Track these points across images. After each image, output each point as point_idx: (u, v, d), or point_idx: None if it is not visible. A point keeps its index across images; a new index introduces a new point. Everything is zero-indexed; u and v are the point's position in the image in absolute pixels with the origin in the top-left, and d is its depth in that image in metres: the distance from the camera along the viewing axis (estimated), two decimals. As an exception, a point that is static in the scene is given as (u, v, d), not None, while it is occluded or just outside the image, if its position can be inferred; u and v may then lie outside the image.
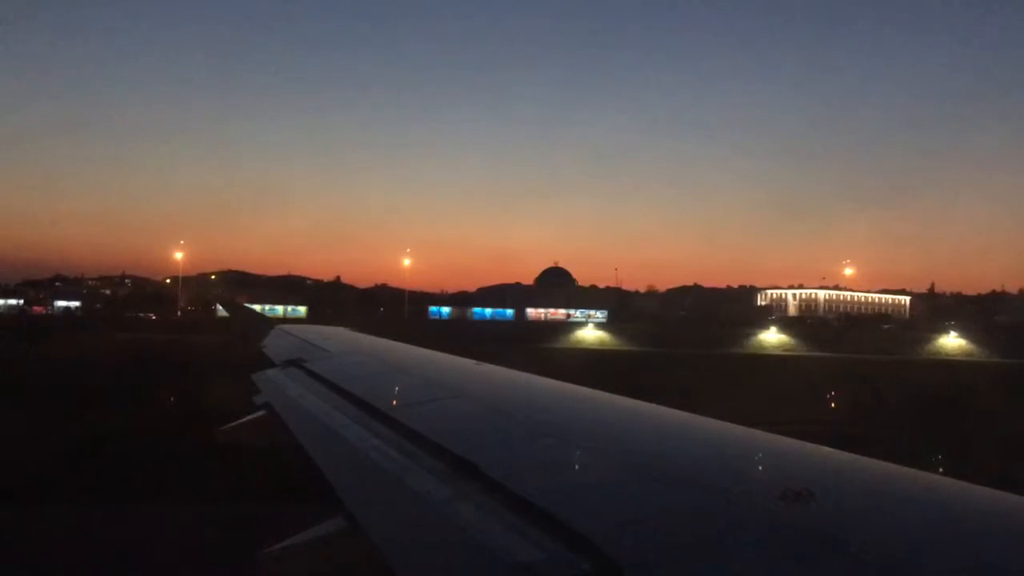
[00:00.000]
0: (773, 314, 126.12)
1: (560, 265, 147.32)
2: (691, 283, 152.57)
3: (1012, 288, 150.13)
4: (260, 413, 6.93)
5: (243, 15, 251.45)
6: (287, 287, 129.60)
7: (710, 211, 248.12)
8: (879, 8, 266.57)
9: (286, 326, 13.32)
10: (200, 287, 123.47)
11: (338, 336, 11.58)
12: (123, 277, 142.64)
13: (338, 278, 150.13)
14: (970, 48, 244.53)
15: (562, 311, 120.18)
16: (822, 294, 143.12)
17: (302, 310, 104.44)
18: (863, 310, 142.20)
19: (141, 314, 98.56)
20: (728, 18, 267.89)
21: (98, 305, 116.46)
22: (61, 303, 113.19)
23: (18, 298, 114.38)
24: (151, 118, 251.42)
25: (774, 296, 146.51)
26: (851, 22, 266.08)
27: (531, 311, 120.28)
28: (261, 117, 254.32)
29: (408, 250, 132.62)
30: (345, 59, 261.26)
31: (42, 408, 36.73)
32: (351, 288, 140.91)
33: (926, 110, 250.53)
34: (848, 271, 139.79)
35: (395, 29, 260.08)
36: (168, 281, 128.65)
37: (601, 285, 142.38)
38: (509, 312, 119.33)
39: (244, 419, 7.17)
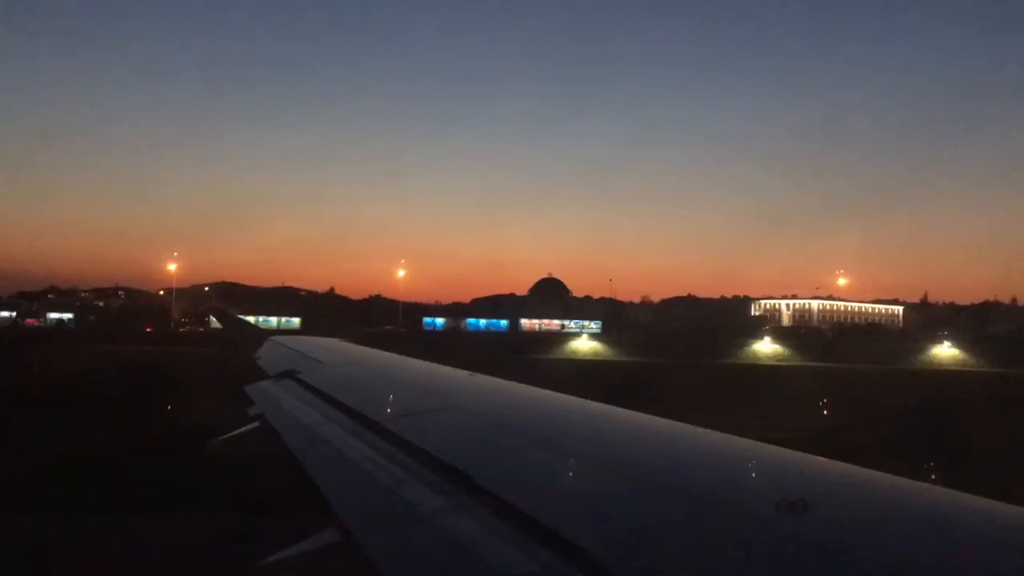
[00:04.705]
0: (767, 324, 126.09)
1: (554, 276, 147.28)
2: (685, 293, 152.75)
3: (1005, 297, 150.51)
4: (254, 425, 6.92)
5: (236, 28, 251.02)
6: (281, 299, 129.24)
7: (704, 222, 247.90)
8: (869, 19, 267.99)
9: (279, 337, 13.31)
10: (194, 299, 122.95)
11: (332, 347, 11.57)
12: (116, 289, 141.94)
13: (332, 289, 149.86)
14: (962, 58, 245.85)
15: (556, 322, 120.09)
16: (816, 304, 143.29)
17: (296, 322, 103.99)
18: (857, 320, 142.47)
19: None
20: (720, 29, 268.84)
21: (92, 317, 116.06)
22: (54, 315, 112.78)
23: (11, 310, 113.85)
24: (144, 130, 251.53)
25: (768, 306, 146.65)
26: (842, 33, 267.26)
27: (525, 322, 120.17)
28: (254, 129, 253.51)
29: (402, 261, 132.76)
30: (338, 71, 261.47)
31: (40, 420, 36.58)
32: (345, 300, 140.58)
33: (919, 119, 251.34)
34: (841, 281, 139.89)
35: (387, 42, 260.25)
36: (162, 293, 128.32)
37: (595, 296, 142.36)
38: (503, 323, 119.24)
39: (238, 431, 7.16)
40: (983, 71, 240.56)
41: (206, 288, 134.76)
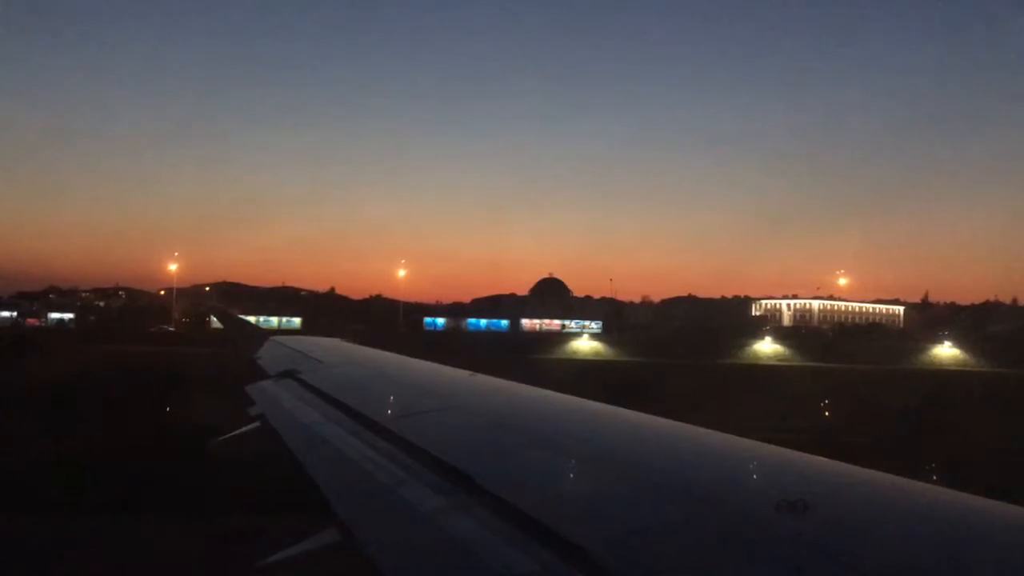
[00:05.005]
0: (768, 324, 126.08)
1: (554, 276, 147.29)
2: (686, 293, 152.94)
3: (1005, 298, 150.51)
4: (254, 424, 6.93)
5: (236, 27, 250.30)
6: (281, 299, 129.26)
7: (704, 222, 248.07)
8: (869, 19, 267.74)
9: (280, 337, 13.32)
10: (194, 299, 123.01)
11: (332, 347, 11.58)
12: (117, 289, 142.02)
13: (333, 289, 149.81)
14: (962, 59, 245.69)
15: (557, 322, 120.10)
16: (816, 304, 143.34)
17: (297, 322, 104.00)
18: (857, 320, 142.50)
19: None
20: (720, 29, 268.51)
21: (92, 317, 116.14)
22: (55, 315, 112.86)
23: (12, 310, 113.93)
24: (144, 130, 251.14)
25: (768, 306, 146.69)
26: (842, 33, 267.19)
27: (526, 322, 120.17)
28: (255, 129, 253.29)
29: (403, 261, 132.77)
30: (339, 71, 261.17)
31: (40, 420, 36.59)
32: (346, 300, 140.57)
33: (919, 119, 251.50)
34: (842, 281, 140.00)
35: (387, 42, 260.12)
36: (162, 293, 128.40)
37: (596, 296, 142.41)
38: (504, 323, 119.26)
39: (238, 431, 7.17)
40: (983, 71, 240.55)
41: (207, 288, 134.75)
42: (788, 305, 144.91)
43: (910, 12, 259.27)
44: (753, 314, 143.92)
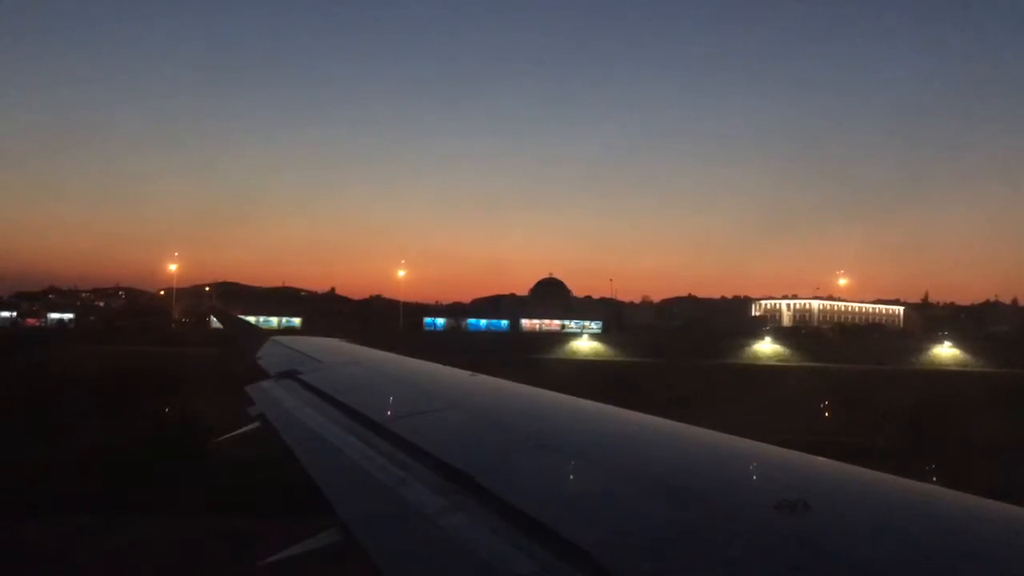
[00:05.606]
0: (767, 324, 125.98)
1: (555, 276, 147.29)
2: (685, 294, 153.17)
3: (1005, 298, 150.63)
4: (255, 425, 6.93)
5: (234, 27, 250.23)
6: (281, 299, 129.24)
7: (704, 222, 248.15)
8: (869, 20, 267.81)
9: (280, 337, 13.30)
10: (194, 299, 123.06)
11: (332, 348, 11.57)
12: (117, 289, 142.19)
13: (333, 290, 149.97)
14: (961, 59, 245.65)
15: (557, 322, 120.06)
16: (816, 304, 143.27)
17: (297, 322, 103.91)
18: (857, 320, 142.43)
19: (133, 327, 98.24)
20: (720, 30, 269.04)
21: (92, 317, 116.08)
22: (55, 315, 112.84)
23: (11, 310, 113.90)
24: (144, 130, 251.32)
25: (768, 306, 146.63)
26: (842, 34, 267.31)
27: (526, 322, 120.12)
28: (254, 129, 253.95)
29: (403, 262, 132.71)
30: (338, 71, 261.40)
31: (39, 419, 36.56)
32: (346, 300, 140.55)
33: (919, 119, 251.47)
34: (842, 281, 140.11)
35: (387, 41, 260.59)
36: (162, 293, 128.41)
37: (596, 296, 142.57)
38: (504, 323, 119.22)
39: (238, 431, 7.17)
40: (983, 71, 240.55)
41: (207, 288, 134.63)
42: (788, 305, 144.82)
43: (910, 12, 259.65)
44: (753, 314, 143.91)
